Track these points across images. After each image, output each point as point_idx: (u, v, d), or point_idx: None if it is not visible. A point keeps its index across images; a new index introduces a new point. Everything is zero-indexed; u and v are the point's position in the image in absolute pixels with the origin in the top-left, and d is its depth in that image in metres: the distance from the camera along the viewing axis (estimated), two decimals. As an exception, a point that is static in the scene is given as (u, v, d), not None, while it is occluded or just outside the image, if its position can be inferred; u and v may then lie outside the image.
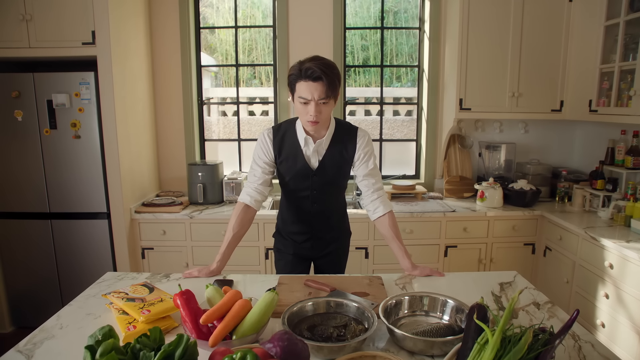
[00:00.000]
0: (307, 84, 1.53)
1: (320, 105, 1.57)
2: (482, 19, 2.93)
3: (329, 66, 1.55)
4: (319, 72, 1.51)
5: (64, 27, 2.56)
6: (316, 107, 1.56)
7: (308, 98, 1.55)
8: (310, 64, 1.52)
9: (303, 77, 1.53)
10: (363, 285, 1.56)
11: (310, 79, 1.52)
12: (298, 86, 1.56)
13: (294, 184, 1.78)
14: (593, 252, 2.39)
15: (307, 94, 1.54)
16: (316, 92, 1.53)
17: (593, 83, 2.76)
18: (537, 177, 3.21)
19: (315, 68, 1.51)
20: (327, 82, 1.53)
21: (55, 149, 2.69)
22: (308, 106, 1.57)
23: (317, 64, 1.52)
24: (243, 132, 3.55)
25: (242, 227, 1.72)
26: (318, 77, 1.52)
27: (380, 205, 1.74)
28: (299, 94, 1.56)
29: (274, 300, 1.19)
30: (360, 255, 2.88)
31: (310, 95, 1.54)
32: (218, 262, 1.68)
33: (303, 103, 1.57)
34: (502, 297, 1.52)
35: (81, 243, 2.80)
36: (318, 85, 1.53)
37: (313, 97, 1.54)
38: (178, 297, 1.19)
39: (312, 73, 1.51)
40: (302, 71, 1.53)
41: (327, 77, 1.53)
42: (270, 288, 1.52)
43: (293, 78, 1.56)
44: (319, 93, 1.54)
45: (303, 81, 1.54)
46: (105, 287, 1.59)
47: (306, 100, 1.55)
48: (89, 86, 2.61)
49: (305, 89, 1.54)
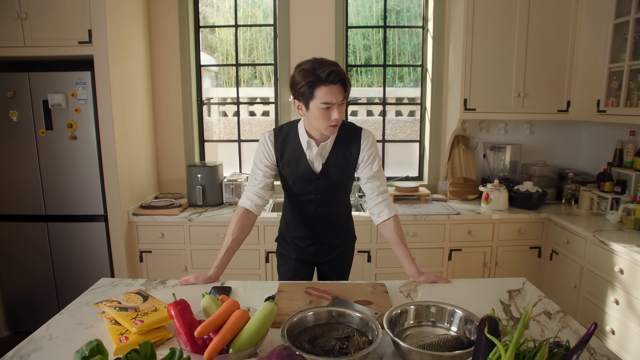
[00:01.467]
0: (328, 88, 1.49)
1: (341, 107, 1.54)
2: (487, 17, 2.87)
3: (341, 68, 1.53)
4: (338, 77, 1.48)
5: (60, 25, 2.50)
6: (339, 109, 1.53)
7: (333, 102, 1.50)
8: (325, 69, 1.48)
9: (324, 82, 1.48)
10: (366, 293, 1.50)
11: (332, 83, 1.48)
12: (318, 92, 1.49)
13: (297, 187, 1.73)
14: (602, 256, 2.32)
15: (331, 97, 1.50)
16: (340, 94, 1.51)
17: (601, 83, 2.69)
18: (542, 178, 3.14)
19: (333, 74, 1.48)
20: (345, 85, 1.52)
21: (51, 150, 2.64)
22: (331, 111, 1.52)
23: (332, 68, 1.49)
24: (244, 133, 3.49)
25: (241, 232, 1.67)
26: (340, 80, 1.49)
27: (385, 209, 1.68)
28: (322, 100, 1.50)
29: (273, 311, 1.13)
30: (363, 259, 2.82)
31: (334, 99, 1.50)
32: (216, 268, 1.63)
33: (326, 108, 1.52)
34: (512, 305, 1.46)
35: (78, 246, 2.74)
36: (339, 88, 1.51)
37: (337, 101, 1.51)
38: (172, 308, 1.13)
39: (335, 77, 1.48)
40: (321, 77, 1.48)
41: (344, 80, 1.52)
42: (269, 297, 1.47)
43: (310, 84, 1.49)
44: (342, 96, 1.52)
45: (324, 86, 1.49)
46: (99, 294, 1.53)
47: (329, 105, 1.51)
48: (86, 86, 2.56)
49: (328, 93, 1.49)
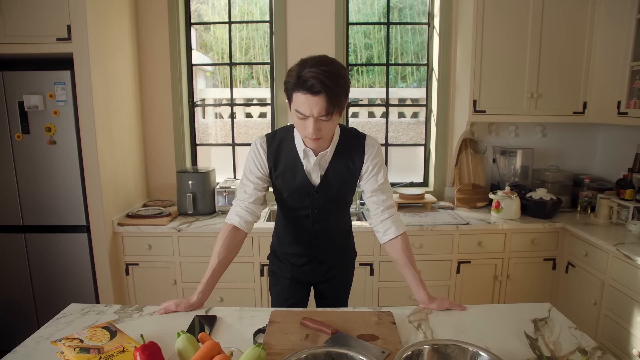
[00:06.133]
0: (304, 96, 1.23)
1: (320, 122, 1.28)
2: (498, 12, 2.67)
3: (334, 76, 1.23)
4: (319, 86, 1.20)
5: (36, 20, 2.30)
6: (315, 123, 1.27)
7: (306, 114, 1.25)
8: (311, 73, 1.20)
9: (301, 88, 1.23)
10: (370, 324, 1.30)
11: (309, 92, 1.22)
12: (295, 97, 1.26)
13: (293, 201, 1.53)
14: (627, 271, 2.13)
15: (304, 108, 1.25)
16: (316, 107, 1.24)
17: (622, 83, 2.49)
18: (555, 185, 2.95)
19: (315, 80, 1.20)
20: (329, 97, 1.23)
21: (28, 156, 2.44)
22: (306, 122, 1.28)
23: (319, 73, 1.20)
24: (240, 136, 3.30)
25: (229, 253, 1.47)
26: (318, 92, 1.21)
27: (392, 226, 1.48)
28: (296, 107, 1.27)
29: (259, 359, 0.94)
30: (365, 272, 2.62)
31: (308, 111, 1.24)
32: (200, 293, 1.43)
33: (301, 118, 1.28)
34: (539, 339, 1.26)
35: (58, 259, 2.54)
36: (318, 100, 1.22)
37: (312, 114, 1.25)
38: (139, 354, 0.94)
39: (312, 86, 1.21)
40: (300, 80, 1.22)
41: (330, 92, 1.22)
42: (258, 330, 1.28)
43: (290, 86, 1.26)
44: (319, 109, 1.24)
45: (300, 93, 1.23)
46: (65, 325, 1.34)
47: (304, 116, 1.27)
48: (65, 87, 2.36)
49: (302, 103, 1.24)
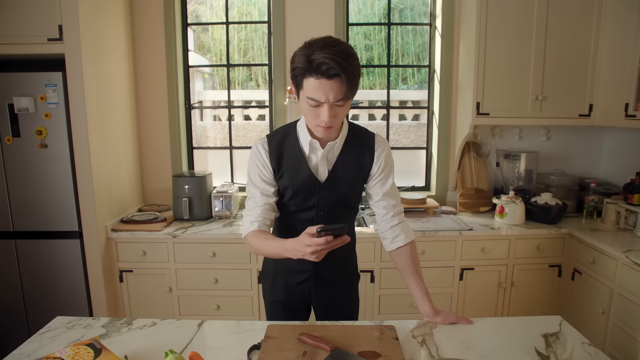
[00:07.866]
0: (318, 81, 1.14)
1: (335, 108, 1.19)
2: (502, 12, 2.60)
3: (348, 56, 1.14)
4: (337, 69, 1.11)
5: (27, 20, 2.23)
6: (330, 110, 1.18)
7: (321, 100, 1.16)
8: (323, 55, 1.11)
9: (314, 73, 1.13)
10: (372, 339, 1.23)
11: (324, 77, 1.13)
12: (306, 83, 1.17)
13: (296, 203, 1.40)
14: (637, 280, 2.05)
15: (319, 94, 1.15)
16: (332, 92, 1.15)
17: (631, 84, 2.42)
18: (560, 189, 2.88)
19: (331, 62, 1.10)
20: (347, 80, 1.14)
21: (18, 160, 2.37)
22: (320, 109, 1.19)
23: (332, 55, 1.11)
24: (239, 139, 3.23)
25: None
26: (335, 75, 1.12)
27: (402, 234, 1.41)
28: (308, 94, 1.17)
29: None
30: (366, 280, 2.55)
31: (324, 97, 1.15)
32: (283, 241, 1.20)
33: (313, 105, 1.19)
34: (551, 356, 1.19)
35: (50, 266, 2.46)
36: (334, 84, 1.14)
37: (327, 99, 1.16)
38: (121, 378, 0.87)
39: (328, 70, 1.11)
40: (313, 65, 1.12)
41: (347, 73, 1.13)
42: (253, 346, 1.19)
43: (299, 71, 1.17)
44: (335, 94, 1.15)
45: (314, 78, 1.14)
46: (48, 341, 1.26)
47: (318, 103, 1.18)
48: (57, 88, 2.29)
49: (317, 88, 1.15)
